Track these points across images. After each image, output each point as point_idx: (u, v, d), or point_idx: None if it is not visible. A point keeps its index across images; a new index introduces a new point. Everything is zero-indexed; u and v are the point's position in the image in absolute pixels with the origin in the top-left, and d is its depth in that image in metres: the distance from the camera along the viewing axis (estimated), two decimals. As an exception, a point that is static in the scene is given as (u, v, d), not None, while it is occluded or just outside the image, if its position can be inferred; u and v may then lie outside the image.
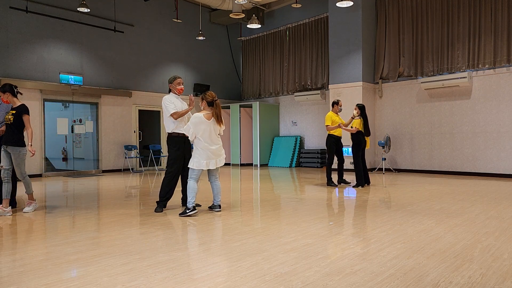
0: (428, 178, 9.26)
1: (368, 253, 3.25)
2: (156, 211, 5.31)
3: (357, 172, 7.69)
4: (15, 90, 5.44)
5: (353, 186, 7.76)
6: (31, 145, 5.27)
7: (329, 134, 8.03)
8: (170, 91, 5.48)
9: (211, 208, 5.34)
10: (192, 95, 5.43)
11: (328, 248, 3.44)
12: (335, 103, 8.18)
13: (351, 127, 7.77)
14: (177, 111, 5.23)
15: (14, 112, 5.32)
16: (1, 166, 5.28)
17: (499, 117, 9.43)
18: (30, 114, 10.31)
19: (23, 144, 5.32)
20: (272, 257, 3.18)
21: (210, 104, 4.93)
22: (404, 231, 4.01)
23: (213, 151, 4.95)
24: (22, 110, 5.34)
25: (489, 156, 9.57)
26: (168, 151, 5.42)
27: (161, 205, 5.38)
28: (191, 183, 4.94)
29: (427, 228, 4.12)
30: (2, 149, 5.33)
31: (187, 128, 4.85)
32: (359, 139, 7.72)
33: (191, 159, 4.96)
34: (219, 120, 4.94)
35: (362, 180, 7.70)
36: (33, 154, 5.29)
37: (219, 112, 4.95)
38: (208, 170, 5.08)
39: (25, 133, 5.41)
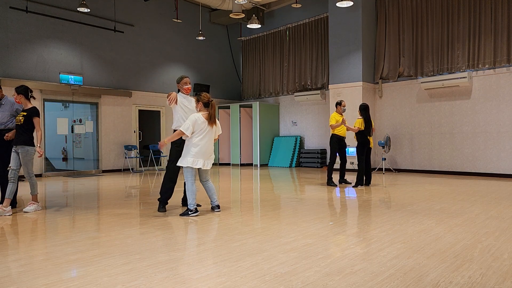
0: (428, 178, 9.26)
1: (368, 253, 3.25)
2: (159, 210, 5.32)
3: (359, 172, 7.72)
4: (30, 93, 5.54)
5: (353, 186, 7.80)
6: (39, 146, 5.39)
7: (332, 134, 8.08)
8: (178, 91, 5.55)
9: (213, 209, 5.34)
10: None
11: (328, 248, 3.43)
12: (338, 104, 8.19)
13: (354, 127, 7.81)
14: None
15: (25, 114, 5.43)
16: (9, 167, 5.39)
17: (499, 117, 9.43)
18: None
19: (31, 144, 5.45)
20: (272, 257, 3.18)
21: (206, 105, 4.98)
22: (404, 231, 4.01)
23: (209, 152, 4.99)
24: (33, 112, 5.46)
25: (489, 156, 9.57)
26: (170, 148, 5.43)
27: (163, 204, 5.38)
28: (189, 185, 4.95)
29: (427, 228, 4.12)
30: (12, 150, 5.47)
31: (185, 125, 4.84)
32: (363, 139, 7.74)
33: (181, 158, 4.92)
34: (211, 120, 4.95)
35: (362, 181, 7.72)
36: (41, 155, 5.39)
37: (213, 112, 4.98)
38: (200, 171, 5.10)
39: (34, 135, 5.51)
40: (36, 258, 3.23)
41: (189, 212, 4.94)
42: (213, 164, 5.56)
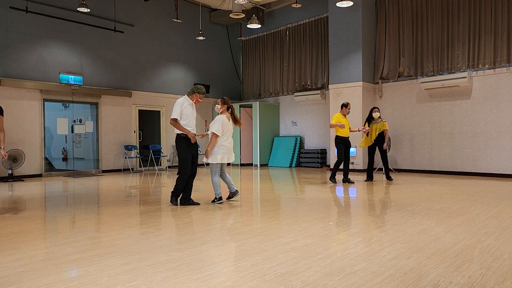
0: (428, 178, 9.26)
1: (368, 253, 3.25)
2: (171, 202, 5.74)
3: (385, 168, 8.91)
4: None
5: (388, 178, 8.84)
6: (3, 148, 5.05)
7: (336, 135, 8.38)
8: (187, 94, 5.72)
9: (229, 198, 6.01)
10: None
11: (328, 248, 3.44)
12: (344, 106, 8.34)
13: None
14: (177, 121, 5.55)
15: None
16: None
17: (499, 117, 9.42)
18: (31, 114, 10.38)
19: None
20: (272, 257, 3.18)
21: (228, 108, 5.88)
22: (404, 231, 4.01)
23: (229, 148, 5.81)
24: None
25: (489, 156, 9.57)
26: (177, 152, 5.74)
27: (175, 198, 5.76)
28: (214, 179, 5.78)
29: (427, 228, 4.12)
30: None
31: (217, 128, 5.66)
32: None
33: (212, 156, 5.70)
34: (237, 121, 5.94)
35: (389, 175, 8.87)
36: (4, 157, 5.07)
37: (236, 114, 5.97)
38: (222, 164, 5.91)
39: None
40: (36, 258, 3.23)
41: (215, 200, 5.79)
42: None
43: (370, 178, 8.79)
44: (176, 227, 4.39)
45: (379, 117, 8.58)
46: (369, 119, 8.65)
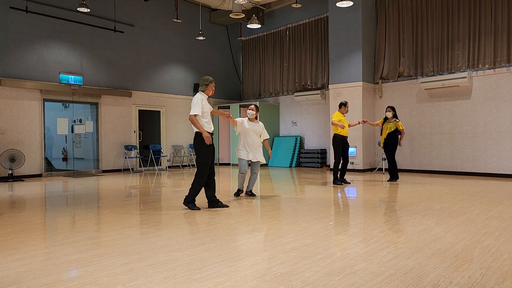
0: (428, 178, 9.26)
1: (368, 253, 3.25)
2: (194, 209, 5.33)
3: (395, 168, 8.68)
4: None
5: (388, 180, 8.66)
6: None
7: (335, 134, 8.18)
8: (201, 90, 5.38)
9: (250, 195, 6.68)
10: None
11: (328, 248, 3.43)
12: (343, 105, 8.28)
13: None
14: (199, 117, 5.19)
15: None
16: None
17: (499, 117, 9.42)
18: (31, 114, 10.38)
19: None
20: (272, 257, 3.18)
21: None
22: (404, 231, 4.01)
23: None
24: None
25: (489, 156, 9.57)
26: (199, 151, 5.31)
27: (194, 204, 5.41)
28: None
29: (427, 228, 4.12)
30: None
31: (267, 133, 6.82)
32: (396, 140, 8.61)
33: (261, 156, 6.57)
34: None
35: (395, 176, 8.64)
36: None
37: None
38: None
39: None
40: (36, 258, 3.23)
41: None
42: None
43: (394, 178, 8.63)
44: (176, 227, 4.39)
45: (392, 116, 8.49)
46: (385, 118, 8.68)
